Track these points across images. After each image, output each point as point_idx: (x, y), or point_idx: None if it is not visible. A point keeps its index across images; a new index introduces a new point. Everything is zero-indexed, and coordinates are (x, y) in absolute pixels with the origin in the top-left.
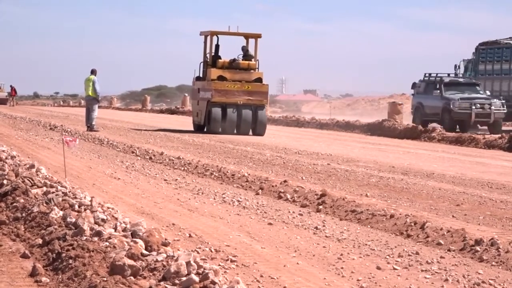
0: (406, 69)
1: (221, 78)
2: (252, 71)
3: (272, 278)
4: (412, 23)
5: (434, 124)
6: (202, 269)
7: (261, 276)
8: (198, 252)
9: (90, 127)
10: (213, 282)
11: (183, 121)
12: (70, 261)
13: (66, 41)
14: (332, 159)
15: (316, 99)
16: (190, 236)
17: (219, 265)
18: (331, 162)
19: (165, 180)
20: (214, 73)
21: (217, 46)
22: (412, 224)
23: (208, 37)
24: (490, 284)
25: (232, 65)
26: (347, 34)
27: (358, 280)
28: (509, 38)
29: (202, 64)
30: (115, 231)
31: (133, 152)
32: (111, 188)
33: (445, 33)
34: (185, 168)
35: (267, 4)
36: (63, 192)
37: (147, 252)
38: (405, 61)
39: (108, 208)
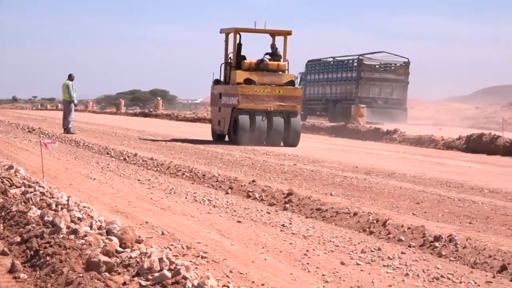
0: None
1: (248, 81)
2: (282, 73)
3: (241, 273)
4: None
5: None
6: (174, 265)
7: (231, 271)
8: (170, 249)
9: (66, 130)
10: (185, 278)
11: (158, 124)
12: (48, 258)
13: (44, 46)
14: (298, 160)
15: None
16: (162, 233)
17: (191, 261)
18: (297, 162)
19: (138, 180)
20: (240, 75)
21: (239, 45)
22: (375, 222)
23: (231, 35)
24: (449, 279)
25: (260, 66)
26: (309, 39)
27: (323, 275)
28: (330, 57)
29: (223, 65)
30: (91, 229)
31: (108, 154)
32: (87, 188)
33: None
34: (158, 169)
35: (235, 13)
36: (41, 192)
37: (121, 249)
38: None
39: (84, 207)
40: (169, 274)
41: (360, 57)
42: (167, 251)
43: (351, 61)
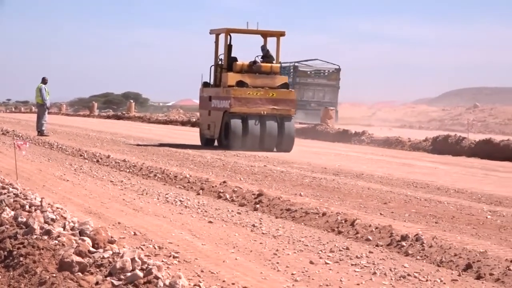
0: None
1: (240, 84)
2: (275, 75)
3: (212, 273)
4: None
5: None
6: (146, 265)
7: (202, 271)
8: (142, 249)
9: (40, 132)
10: (156, 277)
11: (130, 126)
12: (21, 258)
13: (18, 50)
14: (268, 161)
15: None
16: (135, 234)
17: (162, 261)
18: (267, 164)
19: (111, 181)
20: (232, 78)
21: (230, 46)
22: (343, 221)
23: (221, 36)
24: (415, 277)
25: (253, 68)
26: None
27: (292, 274)
28: (289, 62)
29: (213, 67)
30: (64, 230)
31: (81, 155)
32: (60, 189)
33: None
34: (130, 170)
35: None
36: (14, 194)
37: (94, 250)
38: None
39: (58, 208)
40: (141, 274)
41: (296, 64)
42: (139, 251)
43: (288, 67)
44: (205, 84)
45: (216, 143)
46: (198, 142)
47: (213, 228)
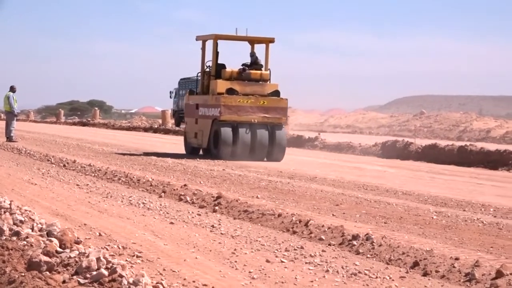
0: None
1: (230, 91)
2: (265, 82)
3: (173, 271)
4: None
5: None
6: (110, 264)
7: (164, 269)
8: (107, 249)
9: (9, 138)
10: (121, 276)
11: (95, 133)
12: None
13: None
14: (226, 165)
15: None
16: (100, 235)
17: (126, 260)
18: (226, 168)
19: (77, 185)
20: (222, 85)
21: (217, 53)
22: (297, 222)
23: (208, 43)
24: (366, 274)
25: (242, 75)
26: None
27: (250, 272)
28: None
29: (200, 74)
30: (32, 231)
31: (48, 160)
32: (29, 192)
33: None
34: (96, 174)
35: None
36: None
37: (61, 250)
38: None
39: (26, 210)
40: (106, 273)
41: None
42: (104, 251)
43: None
44: (191, 92)
45: (201, 152)
46: (163, 148)
47: (175, 229)
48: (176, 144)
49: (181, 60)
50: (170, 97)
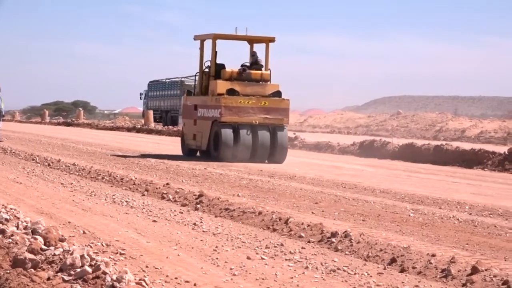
0: None
1: (231, 92)
2: (266, 83)
3: (156, 268)
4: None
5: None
6: (94, 261)
7: (147, 266)
8: (91, 247)
9: None
10: (104, 273)
11: (80, 133)
12: None
13: None
14: (208, 164)
15: None
16: (84, 232)
17: (110, 257)
18: (207, 167)
19: (62, 184)
20: (222, 85)
21: (215, 52)
22: (278, 220)
23: (207, 42)
24: (344, 270)
25: (242, 76)
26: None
27: (231, 268)
28: (165, 78)
29: (198, 75)
30: (17, 229)
31: (33, 160)
32: (14, 191)
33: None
34: (80, 173)
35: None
36: None
37: (46, 247)
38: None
39: (11, 209)
40: (90, 270)
41: (182, 79)
42: (88, 248)
43: (177, 82)
44: (189, 93)
45: (198, 154)
46: (146, 147)
47: (157, 227)
48: (159, 143)
49: (163, 62)
50: (140, 98)
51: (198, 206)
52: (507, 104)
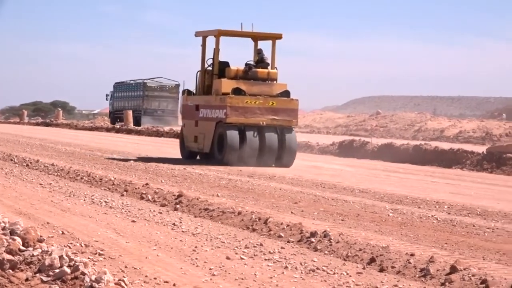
0: None
1: (237, 91)
2: (273, 82)
3: (135, 268)
4: None
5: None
6: (73, 262)
7: (126, 267)
8: (70, 247)
9: None
10: (83, 273)
11: (58, 133)
12: None
13: None
14: (187, 164)
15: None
16: (63, 233)
17: (89, 258)
18: (186, 167)
19: (40, 184)
20: (227, 84)
21: (218, 50)
22: (257, 220)
23: (209, 39)
24: (323, 270)
25: (248, 74)
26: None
27: (210, 268)
28: (130, 80)
29: (200, 73)
30: None
31: (11, 160)
32: None
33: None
34: (59, 174)
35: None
36: None
37: (24, 248)
38: None
39: None
40: (68, 270)
41: (145, 81)
42: (66, 249)
43: (140, 83)
44: (189, 92)
45: (198, 157)
46: (125, 147)
47: (136, 227)
48: (139, 144)
49: (142, 62)
50: (106, 99)
51: (178, 206)
52: (485, 104)
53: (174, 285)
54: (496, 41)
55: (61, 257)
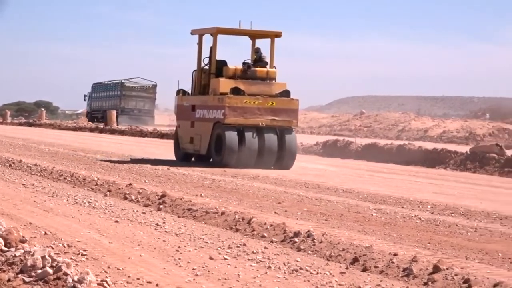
0: None
1: (236, 91)
2: (272, 81)
3: (118, 269)
4: None
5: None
6: (56, 263)
7: (109, 267)
8: (52, 248)
9: None
10: (66, 274)
11: (41, 133)
12: None
13: None
14: (171, 165)
15: (158, 112)
16: (45, 233)
17: (71, 258)
18: (170, 167)
19: (23, 184)
20: (225, 84)
21: (211, 48)
22: (240, 220)
23: (206, 37)
24: (307, 270)
25: (247, 73)
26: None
27: (193, 269)
28: (107, 80)
29: (196, 73)
30: None
31: None
32: None
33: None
34: (42, 174)
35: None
36: None
37: (6, 249)
38: None
39: None
40: (51, 271)
41: (123, 81)
42: (49, 249)
43: (117, 83)
44: (184, 92)
45: (193, 159)
46: (108, 148)
47: (120, 227)
48: (122, 144)
49: (125, 62)
50: (84, 100)
51: (161, 206)
52: (469, 104)
53: (157, 285)
54: (480, 41)
55: (43, 258)
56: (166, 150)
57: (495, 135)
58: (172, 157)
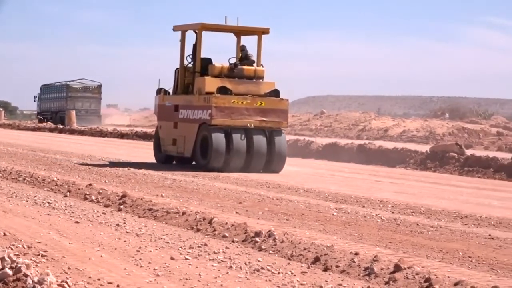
0: None
1: (223, 90)
2: (260, 80)
3: (78, 269)
4: None
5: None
6: (15, 264)
7: (69, 268)
8: (12, 249)
9: None
10: (25, 275)
11: (0, 133)
12: None
13: None
14: (131, 165)
15: (118, 112)
16: (4, 234)
17: (31, 259)
18: (130, 167)
19: None
20: (211, 83)
21: (195, 46)
22: (201, 220)
23: (189, 34)
24: (268, 270)
25: (234, 72)
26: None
27: (154, 269)
28: (56, 82)
29: (179, 71)
30: None
31: None
32: None
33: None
34: (0, 175)
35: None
36: None
37: None
38: None
39: None
40: (10, 272)
41: (68, 83)
42: (8, 250)
43: (63, 85)
44: (165, 92)
45: (174, 162)
46: (68, 147)
47: (80, 228)
48: (82, 144)
49: (83, 62)
50: (34, 101)
51: (121, 206)
52: (429, 103)
53: (118, 286)
54: (440, 41)
55: (2, 259)
56: (126, 150)
57: (455, 135)
58: (134, 158)
